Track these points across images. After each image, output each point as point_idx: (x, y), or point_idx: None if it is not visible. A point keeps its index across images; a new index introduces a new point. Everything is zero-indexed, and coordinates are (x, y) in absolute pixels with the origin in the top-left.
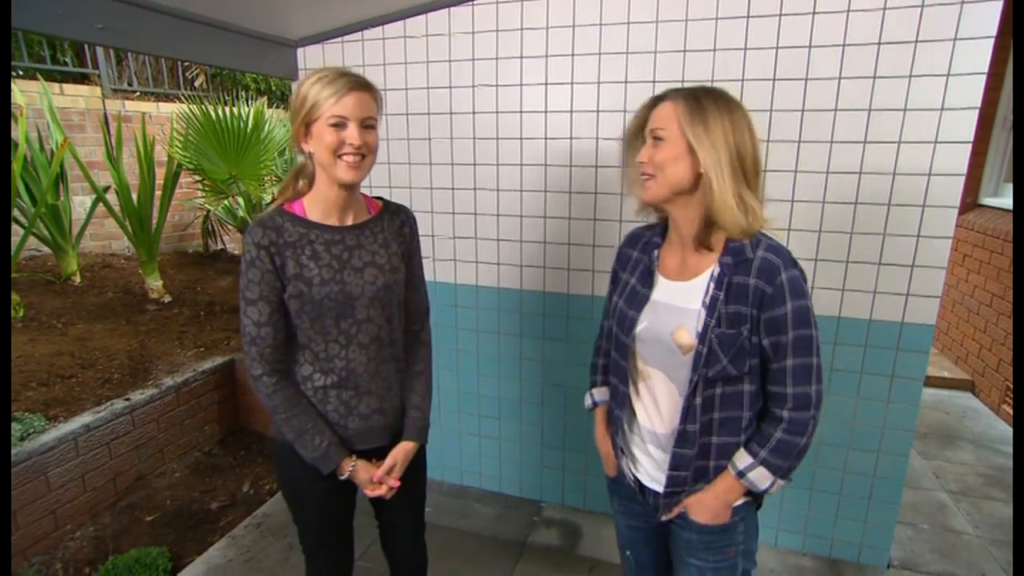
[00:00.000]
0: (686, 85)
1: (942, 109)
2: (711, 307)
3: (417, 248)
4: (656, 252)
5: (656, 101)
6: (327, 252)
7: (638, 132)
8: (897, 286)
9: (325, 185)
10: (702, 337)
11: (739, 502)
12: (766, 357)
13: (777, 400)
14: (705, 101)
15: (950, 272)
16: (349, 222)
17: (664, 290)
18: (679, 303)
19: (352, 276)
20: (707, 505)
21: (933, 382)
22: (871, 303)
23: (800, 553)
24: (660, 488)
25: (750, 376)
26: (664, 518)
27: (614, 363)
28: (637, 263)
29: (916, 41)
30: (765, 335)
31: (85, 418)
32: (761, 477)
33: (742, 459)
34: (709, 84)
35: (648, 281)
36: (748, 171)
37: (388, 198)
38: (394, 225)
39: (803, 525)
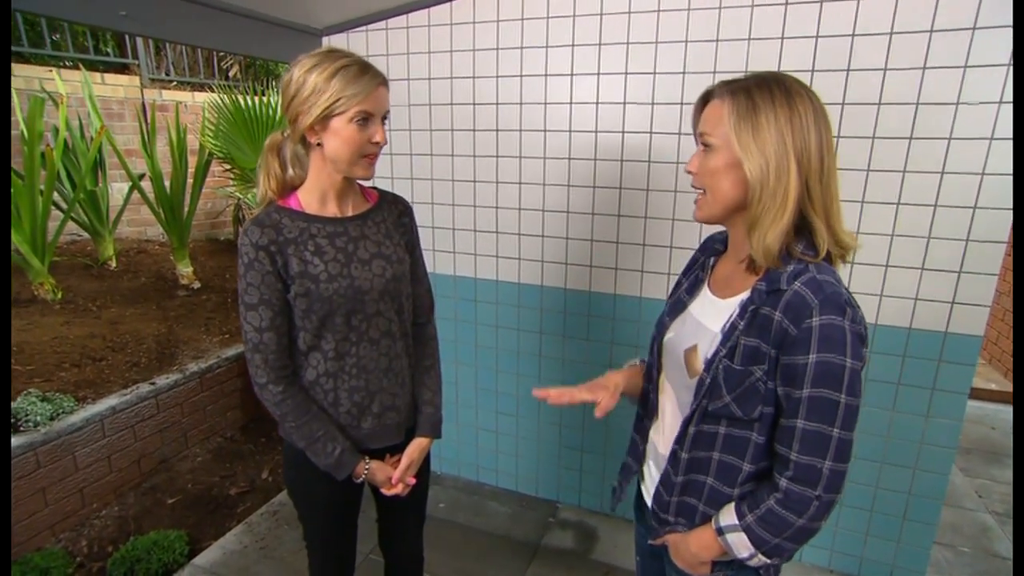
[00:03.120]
0: (751, 72)
1: (1000, 102)
2: (727, 335)
3: (418, 239)
4: (713, 260)
5: (705, 99)
6: (331, 245)
7: (696, 135)
8: (941, 293)
9: (323, 174)
10: (709, 365)
11: (726, 559)
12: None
13: (780, 463)
14: (758, 95)
15: (1002, 279)
16: (349, 212)
17: (701, 303)
18: (705, 321)
19: (360, 269)
20: (681, 552)
21: (979, 394)
22: (911, 310)
23: (826, 570)
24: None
25: (760, 424)
26: (650, 542)
27: (648, 367)
28: (696, 269)
29: (974, 28)
30: (780, 383)
31: (111, 400)
32: (740, 544)
33: (727, 516)
34: (773, 72)
35: (694, 290)
36: (811, 181)
37: (410, 190)
38: (393, 215)
39: (830, 540)
